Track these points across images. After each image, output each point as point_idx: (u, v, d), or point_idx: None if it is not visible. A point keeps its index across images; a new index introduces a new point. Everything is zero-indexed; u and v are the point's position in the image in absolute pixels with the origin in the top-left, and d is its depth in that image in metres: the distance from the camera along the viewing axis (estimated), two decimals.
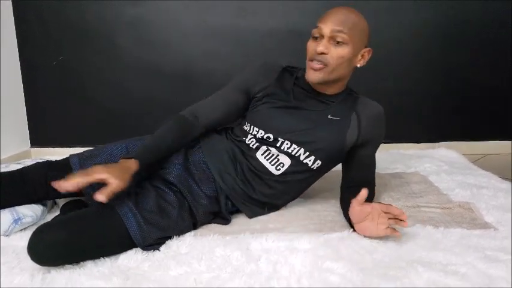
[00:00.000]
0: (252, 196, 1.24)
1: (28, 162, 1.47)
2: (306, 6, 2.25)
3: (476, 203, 1.34)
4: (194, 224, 1.16)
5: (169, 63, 2.32)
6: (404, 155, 2.09)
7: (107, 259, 0.99)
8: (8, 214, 1.16)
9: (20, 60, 2.27)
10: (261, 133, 1.23)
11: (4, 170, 1.26)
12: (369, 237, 1.09)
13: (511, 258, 0.98)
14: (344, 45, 1.15)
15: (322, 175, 1.33)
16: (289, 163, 1.23)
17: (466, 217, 1.24)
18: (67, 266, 0.95)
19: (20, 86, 2.29)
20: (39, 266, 0.94)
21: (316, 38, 1.18)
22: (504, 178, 1.67)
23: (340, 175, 1.36)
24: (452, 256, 0.99)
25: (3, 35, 2.11)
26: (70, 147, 2.29)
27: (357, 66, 1.23)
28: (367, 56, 1.23)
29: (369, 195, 1.31)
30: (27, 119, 2.35)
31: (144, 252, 1.02)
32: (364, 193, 1.07)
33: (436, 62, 2.38)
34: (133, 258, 1.00)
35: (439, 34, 2.33)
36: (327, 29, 1.14)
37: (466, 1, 2.29)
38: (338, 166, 1.34)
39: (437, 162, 1.90)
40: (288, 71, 1.31)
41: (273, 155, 1.23)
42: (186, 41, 2.30)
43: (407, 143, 2.41)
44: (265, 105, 1.25)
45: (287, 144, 1.22)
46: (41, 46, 2.26)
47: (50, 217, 1.27)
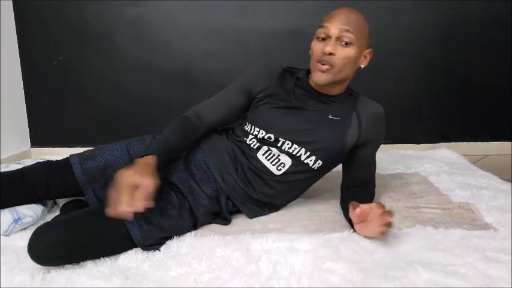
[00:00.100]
0: (253, 196, 1.24)
1: (28, 162, 1.47)
2: (306, 6, 2.24)
3: (476, 204, 1.34)
4: (194, 224, 1.16)
5: (169, 63, 2.31)
6: (404, 156, 2.09)
7: (107, 259, 0.99)
8: (8, 214, 1.16)
9: (21, 60, 2.27)
10: (262, 133, 1.23)
11: (4, 170, 1.26)
12: (368, 237, 1.09)
13: (511, 259, 0.98)
14: (351, 45, 1.15)
15: (322, 175, 1.34)
16: (290, 163, 1.23)
17: (466, 218, 1.24)
18: (67, 266, 0.96)
19: (20, 86, 2.29)
20: (39, 266, 0.94)
21: (322, 39, 1.17)
22: (504, 179, 1.67)
23: (340, 175, 1.36)
24: (452, 257, 0.99)
25: (3, 35, 2.11)
26: (70, 147, 2.29)
27: (361, 67, 1.23)
28: (368, 57, 1.24)
29: (369, 195, 1.32)
30: (27, 119, 2.35)
31: (144, 252, 1.02)
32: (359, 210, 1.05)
33: (436, 63, 2.38)
34: (133, 258, 1.00)
35: (439, 34, 2.33)
36: (335, 29, 1.14)
37: (466, 1, 2.28)
38: (338, 166, 1.34)
39: (437, 162, 1.90)
40: (289, 72, 1.31)
41: (274, 155, 1.23)
42: (186, 41, 2.29)
43: (407, 144, 2.40)
44: (266, 105, 1.25)
45: (288, 144, 1.22)
46: (41, 46, 2.26)
47: (50, 217, 1.27)
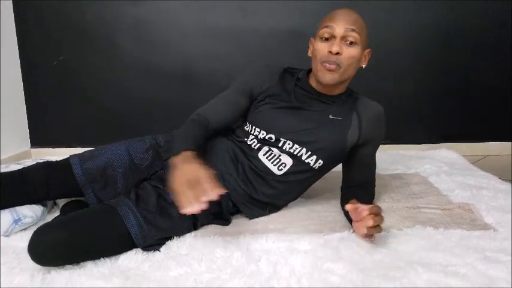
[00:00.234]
0: (254, 196, 1.24)
1: (28, 162, 1.47)
2: (306, 6, 2.25)
3: (476, 204, 1.34)
4: (194, 225, 1.16)
5: (169, 63, 2.32)
6: (404, 156, 2.09)
7: (107, 259, 0.99)
8: (8, 214, 1.16)
9: (20, 60, 2.27)
10: (263, 134, 1.24)
11: (4, 170, 1.26)
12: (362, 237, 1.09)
13: (511, 259, 0.98)
14: (355, 45, 1.15)
15: (322, 175, 1.34)
16: (291, 163, 1.23)
17: (466, 218, 1.24)
18: (67, 267, 0.96)
19: (20, 86, 2.29)
20: (39, 267, 0.94)
21: (326, 39, 1.17)
22: (504, 179, 1.67)
23: (340, 176, 1.36)
24: (452, 257, 0.99)
25: (3, 35, 2.11)
26: (70, 147, 2.29)
27: (362, 66, 1.24)
28: (367, 57, 1.24)
29: (369, 195, 1.32)
30: (27, 119, 2.35)
31: (144, 252, 1.02)
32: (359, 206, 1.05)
33: (436, 63, 2.38)
34: (133, 258, 1.00)
35: (439, 34, 2.33)
36: (340, 29, 1.14)
37: (466, 1, 2.29)
38: (338, 167, 1.34)
39: (437, 163, 1.90)
40: (289, 72, 1.31)
41: (275, 155, 1.23)
42: (186, 41, 2.30)
43: (407, 144, 2.41)
44: (266, 105, 1.25)
45: (289, 144, 1.22)
46: (41, 46, 2.26)
47: (50, 217, 1.27)
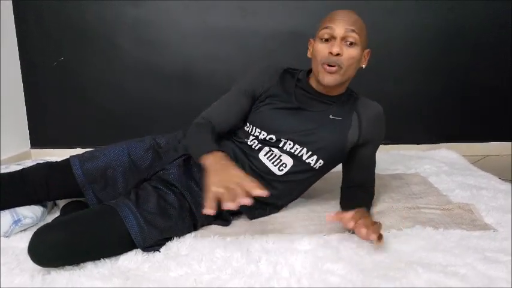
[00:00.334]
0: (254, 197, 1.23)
1: (28, 163, 1.47)
2: (307, 6, 2.24)
3: (476, 204, 1.34)
4: (194, 225, 1.16)
5: (169, 63, 2.32)
6: (404, 156, 2.09)
7: (107, 260, 0.99)
8: (8, 215, 1.16)
9: (20, 60, 2.27)
10: (263, 134, 1.23)
11: (4, 171, 1.26)
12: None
13: (511, 259, 0.98)
14: (355, 45, 1.15)
15: (322, 175, 1.34)
16: (291, 163, 1.23)
17: (466, 218, 1.24)
18: (67, 267, 0.96)
19: (20, 87, 2.29)
20: (39, 267, 0.94)
21: (325, 40, 1.17)
22: (504, 179, 1.67)
23: (340, 176, 1.36)
24: (452, 257, 0.99)
25: (3, 35, 2.11)
26: (70, 148, 2.29)
27: (362, 67, 1.24)
28: (367, 57, 1.24)
29: (369, 195, 1.33)
30: (27, 120, 2.35)
31: (144, 253, 1.02)
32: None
33: (436, 63, 2.38)
34: (133, 259, 1.00)
35: (440, 35, 2.33)
36: (340, 29, 1.14)
37: (466, 1, 2.29)
38: (339, 167, 1.34)
39: (437, 163, 1.90)
40: (289, 73, 1.31)
41: (276, 156, 1.23)
42: (186, 42, 2.29)
43: (407, 144, 2.41)
44: (267, 106, 1.25)
45: (290, 144, 1.22)
46: (41, 46, 2.26)
47: (50, 218, 1.27)
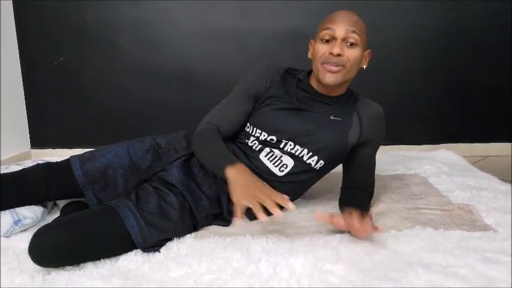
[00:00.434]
0: None
1: (28, 163, 1.47)
2: (307, 6, 2.25)
3: (476, 205, 1.34)
4: (195, 226, 1.16)
5: (169, 64, 2.32)
6: (404, 157, 2.09)
7: (107, 260, 0.99)
8: (9, 215, 1.16)
9: (20, 60, 2.27)
10: (264, 135, 1.23)
11: (4, 172, 1.26)
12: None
13: (511, 260, 0.98)
14: (356, 46, 1.16)
15: (323, 176, 1.34)
16: (292, 164, 1.23)
17: (466, 219, 1.24)
18: (67, 267, 0.96)
19: (20, 87, 2.29)
20: (39, 267, 0.94)
21: (326, 41, 1.17)
22: (504, 180, 1.67)
23: (340, 176, 1.36)
24: (452, 258, 0.99)
25: (3, 36, 2.11)
26: (70, 148, 2.29)
27: (363, 67, 1.24)
28: (368, 58, 1.24)
29: (368, 196, 1.33)
30: (27, 120, 2.35)
31: (144, 253, 1.02)
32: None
33: (436, 63, 2.38)
34: (133, 259, 1.00)
35: (439, 35, 2.33)
36: (341, 30, 1.14)
37: (466, 1, 2.29)
38: (339, 167, 1.34)
39: (437, 164, 1.90)
40: (290, 73, 1.30)
41: (276, 157, 1.23)
42: (186, 42, 2.30)
43: (407, 145, 2.41)
44: (268, 107, 1.25)
45: (290, 145, 1.22)
46: (41, 47, 2.27)
47: (51, 218, 1.28)
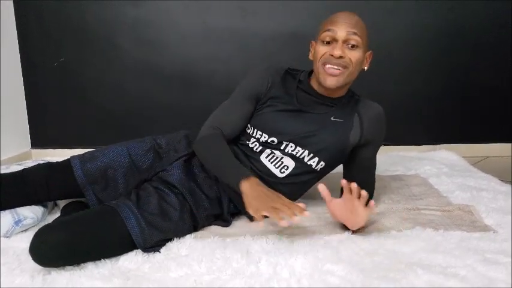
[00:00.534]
0: None
1: (29, 163, 1.48)
2: (307, 7, 2.25)
3: (476, 206, 1.34)
4: (195, 227, 1.16)
5: (169, 64, 2.32)
6: (404, 157, 2.09)
7: (108, 260, 0.99)
8: (9, 215, 1.16)
9: (21, 60, 2.27)
10: (265, 137, 1.23)
11: (5, 171, 1.27)
12: (363, 225, 1.13)
13: (511, 260, 0.98)
14: (357, 48, 1.15)
15: (323, 176, 1.34)
16: (293, 165, 1.23)
17: (466, 220, 1.24)
18: (68, 267, 0.96)
19: (21, 87, 2.30)
20: (39, 267, 0.95)
21: (327, 42, 1.16)
22: (504, 181, 1.67)
23: (341, 177, 1.36)
24: (452, 258, 0.99)
25: (4, 36, 2.12)
26: (71, 148, 2.29)
27: (365, 69, 1.24)
28: (369, 59, 1.24)
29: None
30: (28, 120, 2.35)
31: (145, 253, 1.03)
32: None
33: (436, 63, 2.38)
34: (133, 259, 1.00)
35: (439, 35, 2.33)
36: (342, 32, 1.13)
37: (466, 2, 2.29)
38: (340, 168, 1.34)
39: (437, 164, 1.90)
40: (291, 74, 1.30)
41: (277, 158, 1.23)
42: (186, 42, 2.30)
43: (407, 145, 2.41)
44: (269, 108, 1.24)
45: (291, 146, 1.22)
46: (42, 47, 2.27)
47: (51, 218, 1.28)
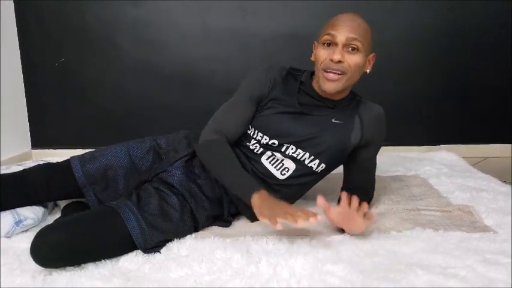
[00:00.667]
0: None
1: (29, 163, 1.48)
2: (307, 7, 2.25)
3: (475, 206, 1.34)
4: (195, 227, 1.16)
5: (169, 64, 2.32)
6: (404, 158, 2.09)
7: (108, 261, 0.99)
8: (10, 216, 1.16)
9: (21, 61, 2.28)
10: (266, 139, 1.23)
11: (5, 172, 1.27)
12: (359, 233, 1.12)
13: (511, 261, 0.98)
14: (358, 52, 1.14)
15: (323, 177, 1.34)
16: (294, 167, 1.23)
17: (466, 220, 1.25)
18: (68, 268, 0.96)
19: (21, 87, 2.30)
20: (40, 268, 0.95)
21: (328, 45, 1.16)
22: (504, 181, 1.67)
23: (341, 177, 1.36)
24: (451, 259, 0.99)
25: (4, 36, 2.12)
26: (71, 148, 2.29)
27: (367, 71, 1.23)
28: (372, 62, 1.23)
29: (367, 197, 1.33)
30: (28, 121, 2.35)
31: (145, 254, 1.03)
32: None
33: (436, 63, 2.38)
34: (134, 260, 1.00)
35: (439, 35, 2.33)
36: (342, 37, 1.12)
37: (467, 2, 2.29)
38: (340, 168, 1.35)
39: (437, 165, 1.90)
40: (292, 75, 1.28)
41: (278, 160, 1.23)
42: (186, 42, 2.30)
43: (407, 146, 2.41)
44: (269, 110, 1.24)
45: (292, 149, 1.22)
46: (42, 47, 2.27)
47: (51, 219, 1.28)
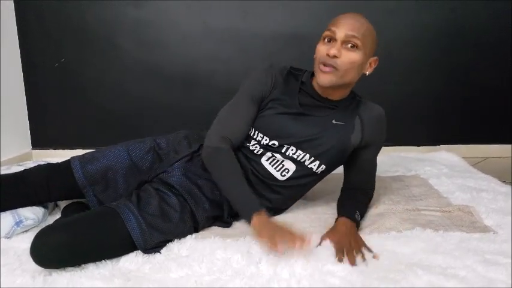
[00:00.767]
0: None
1: (29, 164, 1.48)
2: (307, 8, 2.25)
3: (476, 207, 1.34)
4: (195, 228, 1.16)
5: (169, 64, 2.32)
6: (404, 158, 2.09)
7: (108, 261, 0.99)
8: (10, 216, 1.17)
9: (21, 61, 2.28)
10: (266, 140, 1.22)
11: (5, 172, 1.27)
12: None
13: (511, 261, 0.98)
14: (357, 50, 1.14)
15: (323, 178, 1.33)
16: (294, 169, 1.23)
17: (466, 220, 1.24)
18: (68, 268, 0.96)
19: (22, 88, 2.30)
20: (40, 268, 0.95)
21: (328, 41, 1.16)
22: (504, 181, 1.67)
23: (341, 178, 1.36)
24: (451, 259, 0.99)
25: (4, 36, 2.12)
26: (71, 148, 2.30)
27: (366, 73, 1.23)
28: (373, 65, 1.23)
29: (367, 198, 1.33)
30: (28, 121, 2.36)
31: (145, 254, 1.03)
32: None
33: (437, 63, 2.38)
34: (134, 260, 1.00)
35: (440, 35, 2.34)
36: (341, 33, 1.13)
37: (467, 2, 2.29)
38: (340, 169, 1.34)
39: (437, 165, 1.90)
40: (293, 75, 1.28)
41: (278, 161, 1.23)
42: (186, 43, 2.30)
43: (408, 146, 2.41)
44: (270, 110, 1.23)
45: (292, 150, 1.21)
46: (42, 47, 2.27)
47: (51, 219, 1.28)
